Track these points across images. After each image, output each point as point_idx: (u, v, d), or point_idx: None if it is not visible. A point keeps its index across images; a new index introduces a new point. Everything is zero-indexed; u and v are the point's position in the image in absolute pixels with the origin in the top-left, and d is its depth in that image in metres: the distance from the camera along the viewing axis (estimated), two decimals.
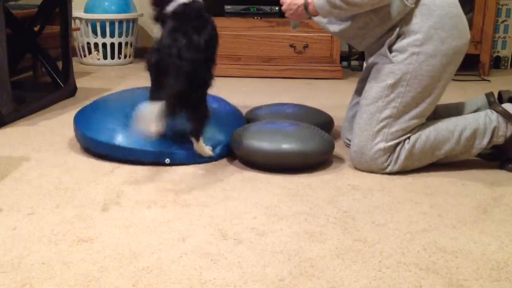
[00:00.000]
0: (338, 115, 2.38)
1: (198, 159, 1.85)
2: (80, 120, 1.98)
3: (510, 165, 1.84)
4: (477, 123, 1.80)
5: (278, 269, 1.21)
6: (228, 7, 3.37)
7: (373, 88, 1.80)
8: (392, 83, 1.76)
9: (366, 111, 1.81)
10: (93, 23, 3.57)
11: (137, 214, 1.48)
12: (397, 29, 1.76)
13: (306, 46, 3.33)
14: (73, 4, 2.83)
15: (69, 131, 2.17)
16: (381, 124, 1.78)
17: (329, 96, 2.93)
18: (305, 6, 1.82)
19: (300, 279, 1.18)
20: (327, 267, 1.23)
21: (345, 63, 3.73)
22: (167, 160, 1.83)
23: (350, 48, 3.73)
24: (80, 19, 3.57)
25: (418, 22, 1.74)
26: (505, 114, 1.79)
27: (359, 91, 2.03)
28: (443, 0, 1.75)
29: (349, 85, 3.19)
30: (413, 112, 1.77)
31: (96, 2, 3.64)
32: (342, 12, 1.75)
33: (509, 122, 1.79)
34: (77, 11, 3.59)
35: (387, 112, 1.77)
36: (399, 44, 1.77)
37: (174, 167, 1.82)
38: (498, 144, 1.81)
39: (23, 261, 1.23)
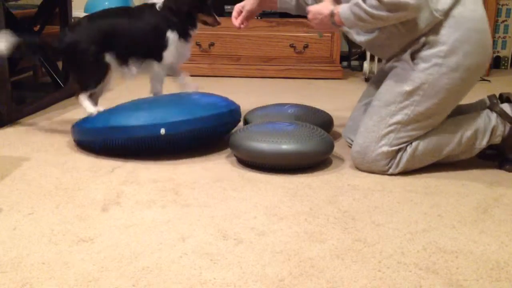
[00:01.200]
0: (337, 115, 2.38)
1: (191, 126, 1.88)
2: (76, 124, 2.03)
3: (507, 166, 1.84)
4: (477, 123, 1.80)
5: (278, 269, 1.21)
6: (228, 7, 3.36)
7: (389, 92, 1.78)
8: (409, 90, 1.74)
9: (377, 113, 1.80)
10: None
11: (137, 214, 1.48)
12: (423, 38, 1.73)
13: (306, 46, 3.33)
14: (73, 4, 2.83)
15: (69, 131, 2.17)
16: (389, 129, 1.77)
17: (329, 96, 2.93)
18: (331, 16, 1.79)
19: (300, 279, 1.18)
20: (327, 267, 1.23)
21: (345, 63, 3.73)
22: (162, 131, 1.84)
23: (350, 48, 3.73)
24: None
25: (445, 33, 1.71)
26: (502, 114, 1.80)
27: (369, 93, 2.00)
28: (472, 14, 1.72)
29: (349, 85, 3.19)
30: (423, 123, 1.76)
31: (96, 2, 3.63)
32: (367, 24, 1.72)
33: (506, 122, 1.79)
34: (77, 11, 3.58)
35: (397, 118, 1.76)
36: (423, 53, 1.73)
37: (174, 167, 1.82)
38: (495, 143, 1.81)
39: (23, 261, 1.23)
